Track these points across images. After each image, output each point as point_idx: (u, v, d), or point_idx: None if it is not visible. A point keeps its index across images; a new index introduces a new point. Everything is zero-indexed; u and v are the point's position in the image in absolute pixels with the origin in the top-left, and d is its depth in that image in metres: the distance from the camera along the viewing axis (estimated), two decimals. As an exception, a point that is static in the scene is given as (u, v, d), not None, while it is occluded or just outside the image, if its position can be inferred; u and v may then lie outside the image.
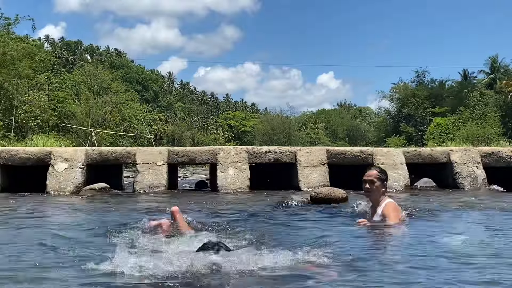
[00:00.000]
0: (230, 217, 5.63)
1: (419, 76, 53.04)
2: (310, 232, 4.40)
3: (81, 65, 60.55)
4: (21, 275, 2.78)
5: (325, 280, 2.65)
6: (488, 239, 4.05)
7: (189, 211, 5.56)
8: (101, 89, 42.49)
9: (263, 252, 3.08)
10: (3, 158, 9.14)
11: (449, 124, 40.53)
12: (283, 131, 57.15)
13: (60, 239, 4.07)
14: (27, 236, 4.27)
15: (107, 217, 5.57)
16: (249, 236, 3.92)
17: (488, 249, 3.49)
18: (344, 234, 4.31)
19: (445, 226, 4.88)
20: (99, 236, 4.21)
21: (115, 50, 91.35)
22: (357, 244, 3.82)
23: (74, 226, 4.99)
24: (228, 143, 63.53)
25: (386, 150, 10.08)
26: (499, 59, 52.10)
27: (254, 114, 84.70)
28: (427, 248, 3.55)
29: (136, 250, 3.28)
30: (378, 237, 4.30)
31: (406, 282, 2.62)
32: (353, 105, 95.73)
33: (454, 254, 3.30)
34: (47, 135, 19.59)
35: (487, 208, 6.28)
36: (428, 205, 6.43)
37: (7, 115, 27.50)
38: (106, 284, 2.57)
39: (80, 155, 9.15)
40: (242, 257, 2.89)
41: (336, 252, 3.28)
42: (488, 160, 9.85)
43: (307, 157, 9.47)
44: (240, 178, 9.10)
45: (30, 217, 5.81)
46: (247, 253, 3.03)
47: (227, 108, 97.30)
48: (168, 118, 73.14)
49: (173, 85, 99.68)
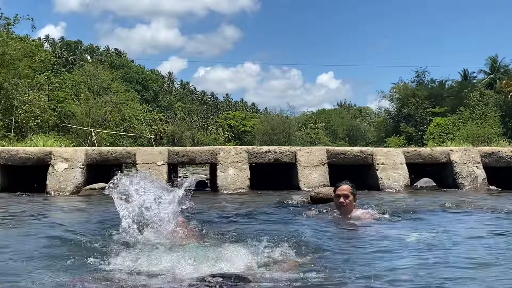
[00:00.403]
0: (231, 217, 5.62)
1: (419, 76, 53.10)
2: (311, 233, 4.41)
3: (81, 65, 60.55)
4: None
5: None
6: (440, 238, 4.21)
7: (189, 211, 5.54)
8: (101, 89, 42.51)
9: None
10: (3, 158, 9.14)
11: (449, 124, 40.54)
12: (283, 131, 57.15)
13: (60, 239, 4.07)
14: (28, 236, 4.27)
15: (107, 217, 5.56)
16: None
17: (432, 247, 3.81)
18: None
19: (414, 226, 5.01)
20: (99, 236, 4.21)
21: (115, 50, 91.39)
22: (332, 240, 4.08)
23: (74, 226, 4.99)
24: (228, 143, 63.52)
25: (386, 150, 10.07)
26: (499, 59, 52.18)
27: (254, 114, 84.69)
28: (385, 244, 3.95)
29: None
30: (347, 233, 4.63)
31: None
32: (353, 105, 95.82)
33: (405, 248, 3.77)
34: (47, 135, 19.59)
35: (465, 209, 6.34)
36: (410, 205, 6.53)
37: (7, 115, 27.49)
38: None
39: (80, 155, 9.15)
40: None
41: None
42: (488, 160, 9.85)
43: (307, 157, 9.47)
44: (240, 178, 9.10)
45: (30, 217, 5.81)
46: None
47: (227, 108, 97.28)
48: (168, 118, 73.13)
49: (173, 85, 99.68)
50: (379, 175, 9.28)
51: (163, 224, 3.85)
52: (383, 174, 9.32)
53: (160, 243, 3.59)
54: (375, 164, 9.44)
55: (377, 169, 9.37)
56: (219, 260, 3.01)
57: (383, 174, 9.32)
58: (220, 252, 3.21)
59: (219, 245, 3.57)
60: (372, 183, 9.33)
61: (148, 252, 3.30)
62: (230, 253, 3.15)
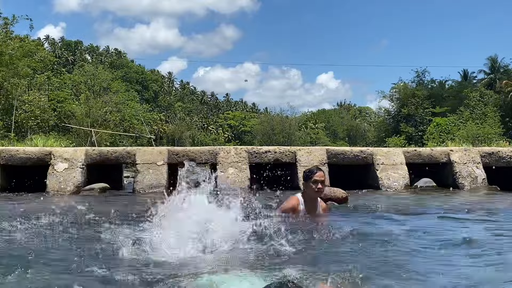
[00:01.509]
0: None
1: (419, 76, 53.09)
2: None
3: (81, 65, 60.52)
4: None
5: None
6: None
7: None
8: (101, 89, 42.51)
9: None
10: (3, 158, 9.14)
11: (449, 124, 40.54)
12: (283, 131, 57.15)
13: (60, 239, 4.07)
14: (28, 236, 4.27)
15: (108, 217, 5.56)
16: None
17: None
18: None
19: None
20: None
21: (115, 50, 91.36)
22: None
23: (74, 225, 4.98)
24: (228, 143, 63.53)
25: (386, 150, 10.07)
26: (498, 59, 52.19)
27: (254, 114, 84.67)
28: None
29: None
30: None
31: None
32: (353, 105, 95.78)
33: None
34: (47, 135, 19.58)
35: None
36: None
37: (7, 115, 27.50)
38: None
39: (80, 155, 9.15)
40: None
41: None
42: (488, 160, 9.85)
43: (307, 157, 9.47)
44: (240, 178, 9.10)
45: (30, 216, 5.80)
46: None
47: (227, 108, 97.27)
48: (168, 118, 73.13)
49: (173, 85, 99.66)
50: (379, 175, 9.28)
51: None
52: (383, 174, 9.32)
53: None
54: (375, 164, 9.44)
55: (377, 169, 9.37)
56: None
57: (383, 174, 9.32)
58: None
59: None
60: (372, 183, 9.33)
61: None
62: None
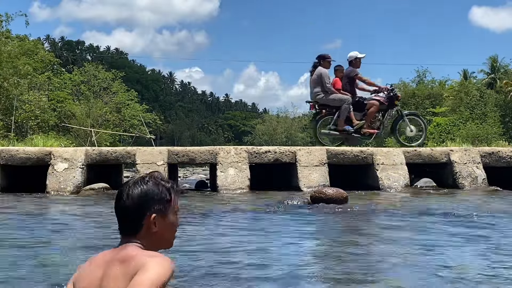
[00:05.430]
0: (233, 218, 5.63)
1: (419, 76, 53.04)
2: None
3: (81, 64, 60.51)
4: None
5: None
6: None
7: (190, 212, 5.55)
8: (101, 89, 42.47)
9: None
10: (3, 158, 9.13)
11: (449, 124, 40.50)
12: (283, 131, 57.11)
13: (60, 239, 4.07)
14: (29, 236, 4.27)
15: (108, 217, 5.57)
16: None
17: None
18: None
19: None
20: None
21: (115, 50, 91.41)
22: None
23: (74, 225, 4.98)
24: (228, 143, 63.53)
25: (386, 150, 10.06)
26: (499, 59, 52.13)
27: (254, 114, 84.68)
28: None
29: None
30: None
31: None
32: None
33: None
34: (47, 135, 19.57)
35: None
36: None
37: (7, 115, 27.47)
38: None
39: (80, 155, 9.15)
40: None
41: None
42: (488, 160, 9.85)
43: (307, 157, 9.46)
44: (240, 178, 9.10)
45: (30, 216, 5.81)
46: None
47: (227, 108, 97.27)
48: (168, 118, 73.15)
49: (173, 85, 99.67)
50: (379, 175, 9.27)
51: None
52: (383, 174, 9.31)
53: None
54: (375, 164, 9.43)
55: (377, 169, 9.36)
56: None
57: (383, 174, 9.31)
58: None
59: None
60: (372, 183, 9.32)
61: None
62: None
